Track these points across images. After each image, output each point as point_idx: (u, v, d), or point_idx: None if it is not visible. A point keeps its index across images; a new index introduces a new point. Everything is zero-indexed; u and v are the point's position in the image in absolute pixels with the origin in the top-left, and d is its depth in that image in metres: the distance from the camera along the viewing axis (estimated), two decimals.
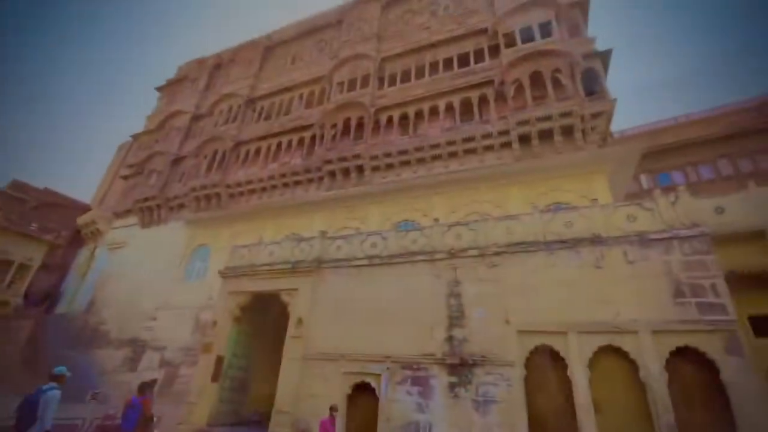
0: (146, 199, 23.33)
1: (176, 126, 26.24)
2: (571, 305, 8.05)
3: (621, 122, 46.62)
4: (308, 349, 10.19)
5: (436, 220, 11.46)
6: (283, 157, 20.08)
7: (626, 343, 7.38)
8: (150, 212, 23.44)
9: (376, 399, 8.90)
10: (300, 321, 10.57)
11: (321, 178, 18.53)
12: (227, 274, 12.70)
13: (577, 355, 7.62)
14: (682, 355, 7.12)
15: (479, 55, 17.78)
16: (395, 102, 18.16)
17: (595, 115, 13.70)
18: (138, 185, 25.12)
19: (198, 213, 21.19)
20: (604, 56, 14.85)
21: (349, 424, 8.99)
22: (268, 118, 22.72)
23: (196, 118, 26.11)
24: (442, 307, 9.28)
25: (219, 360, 11.66)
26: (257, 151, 21.32)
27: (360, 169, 17.62)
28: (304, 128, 20.16)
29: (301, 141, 20.15)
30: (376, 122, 18.28)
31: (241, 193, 20.69)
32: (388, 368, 9.02)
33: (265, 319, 13.56)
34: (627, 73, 60.18)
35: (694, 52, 60.78)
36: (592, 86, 14.73)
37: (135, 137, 29.48)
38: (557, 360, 7.85)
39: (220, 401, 11.55)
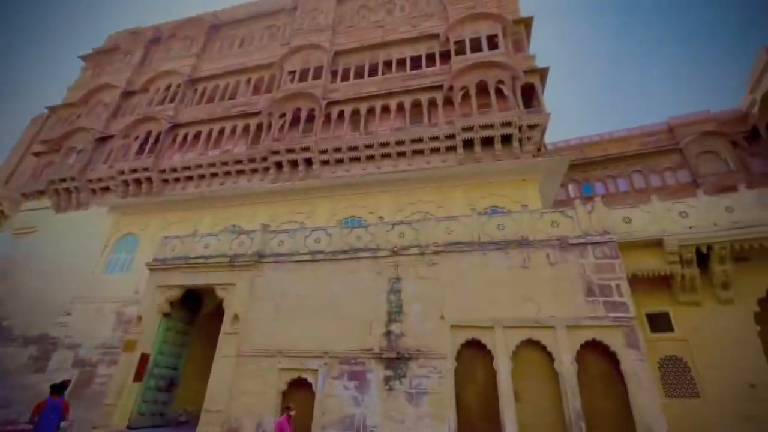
0: (63, 180, 20.81)
1: (104, 101, 23.70)
2: (499, 302, 8.67)
3: (554, 135, 50.71)
4: (244, 345, 9.87)
5: (381, 218, 11.65)
6: (226, 144, 19.07)
7: (544, 337, 8.13)
8: (67, 195, 20.97)
9: (313, 394, 8.91)
10: (236, 317, 10.19)
11: (266, 169, 17.90)
12: (156, 266, 11.84)
13: (502, 348, 8.24)
14: (590, 347, 8.01)
15: (431, 59, 18.27)
16: (348, 97, 18.07)
17: (531, 127, 14.76)
18: (54, 164, 22.34)
19: (126, 199, 19.41)
20: (543, 73, 16.04)
21: None
22: (210, 101, 21.40)
23: (127, 94, 23.79)
24: (382, 303, 9.49)
25: (143, 358, 10.86)
26: (197, 136, 20.00)
27: (308, 162, 17.31)
28: (250, 115, 19.29)
29: (246, 128, 19.27)
30: (327, 116, 18.05)
31: (177, 180, 19.29)
32: (326, 363, 9.05)
33: (197, 315, 12.87)
34: (562, 89, 65.56)
35: (622, 74, 67.88)
36: (531, 99, 15.86)
37: (51, 110, 26.10)
38: (485, 353, 8.43)
39: (144, 402, 10.78)
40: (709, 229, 8.71)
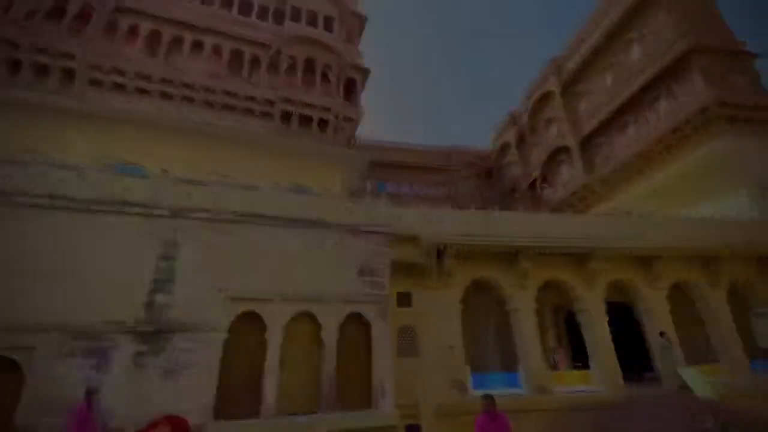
0: None
1: None
2: (284, 276, 9.00)
3: (366, 132, 55.97)
4: None
5: (166, 171, 9.98)
6: None
7: (318, 310, 8.99)
8: None
9: (21, 378, 6.84)
10: None
11: None
12: None
13: (278, 320, 8.61)
14: (352, 319, 9.39)
15: (263, 13, 16.80)
16: (148, 11, 14.45)
17: (347, 119, 15.84)
18: None
19: None
20: (365, 73, 17.39)
21: None
22: None
23: None
24: (149, 269, 8.20)
25: None
26: None
27: (69, 74, 12.88)
28: None
29: None
30: (112, 24, 13.91)
31: None
32: (51, 339, 7.09)
33: None
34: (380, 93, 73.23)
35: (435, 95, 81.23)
36: (350, 94, 16.96)
37: None
38: (261, 324, 8.58)
39: None
40: (448, 234, 11.65)
